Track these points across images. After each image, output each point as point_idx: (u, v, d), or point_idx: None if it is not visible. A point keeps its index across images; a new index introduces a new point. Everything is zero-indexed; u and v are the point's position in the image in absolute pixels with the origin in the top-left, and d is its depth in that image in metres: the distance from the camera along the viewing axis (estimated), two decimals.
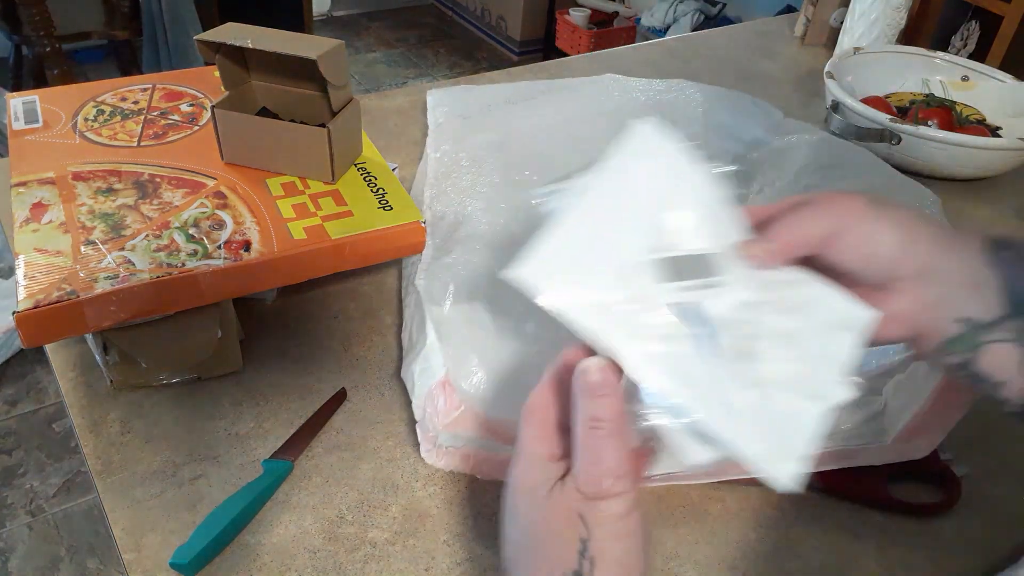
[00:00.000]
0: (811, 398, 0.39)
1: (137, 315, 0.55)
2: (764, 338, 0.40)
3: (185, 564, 0.49)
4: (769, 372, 0.39)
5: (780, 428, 0.38)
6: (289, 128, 0.66)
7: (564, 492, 0.36)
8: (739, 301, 0.41)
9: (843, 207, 0.41)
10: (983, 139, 0.90)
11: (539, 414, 0.38)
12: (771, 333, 0.40)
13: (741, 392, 0.38)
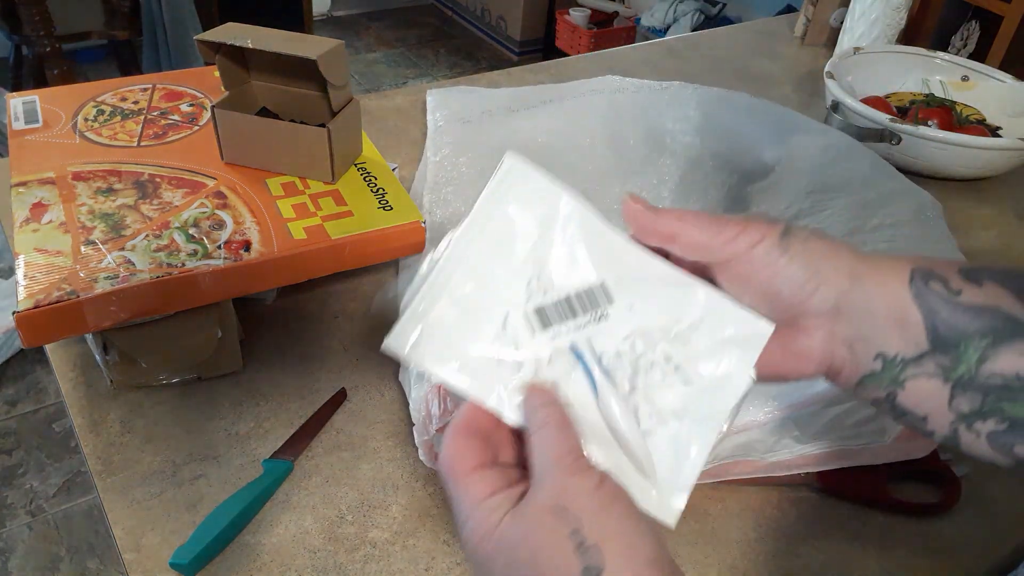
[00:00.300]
0: (702, 425, 0.38)
1: (137, 315, 0.55)
2: (655, 367, 0.39)
3: (185, 564, 0.49)
4: (662, 402, 0.38)
5: (669, 460, 0.38)
6: (289, 128, 0.66)
7: (530, 503, 0.34)
8: (628, 331, 0.39)
9: (749, 227, 0.38)
10: (983, 139, 0.90)
11: (459, 464, 0.36)
12: (663, 361, 0.39)
13: (631, 426, 0.38)
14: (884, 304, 0.37)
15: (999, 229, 0.90)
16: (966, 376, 0.37)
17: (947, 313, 0.37)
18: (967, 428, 0.38)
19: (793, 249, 0.38)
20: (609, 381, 0.38)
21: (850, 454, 0.57)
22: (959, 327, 0.36)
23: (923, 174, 0.94)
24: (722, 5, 2.83)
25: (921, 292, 0.37)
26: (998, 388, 0.36)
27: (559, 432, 0.35)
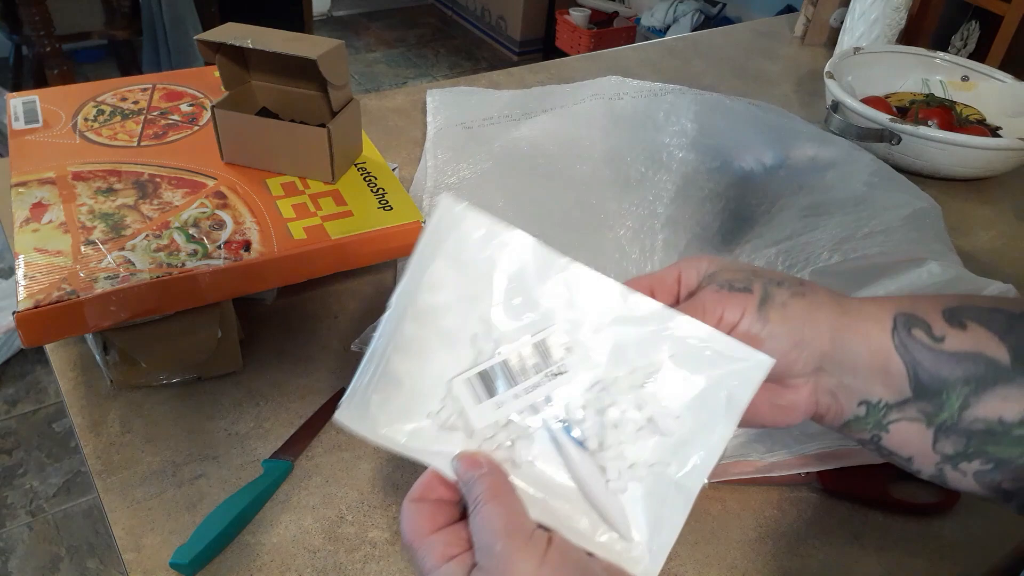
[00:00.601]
0: (677, 482, 0.35)
1: (137, 315, 0.55)
2: (626, 420, 0.36)
3: (185, 564, 0.49)
4: (635, 456, 0.36)
5: (644, 517, 0.35)
6: (289, 128, 0.66)
7: None
8: (592, 382, 0.36)
9: (727, 307, 0.37)
10: (983, 139, 0.90)
11: (415, 531, 0.35)
12: (634, 411, 0.36)
13: (599, 486, 0.36)
14: (866, 356, 0.37)
15: (999, 229, 0.90)
16: (949, 421, 0.37)
17: (929, 362, 0.36)
18: (952, 468, 0.38)
19: (772, 320, 0.37)
20: (572, 440, 0.36)
21: (850, 454, 0.57)
22: (941, 375, 0.36)
23: (923, 174, 0.94)
24: (722, 5, 2.83)
25: (903, 342, 0.37)
26: (981, 432, 0.36)
27: (496, 505, 0.34)
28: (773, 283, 0.38)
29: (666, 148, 0.84)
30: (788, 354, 0.37)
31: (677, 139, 0.85)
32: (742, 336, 0.37)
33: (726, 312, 0.37)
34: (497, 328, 0.37)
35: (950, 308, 0.37)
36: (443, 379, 0.37)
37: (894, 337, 0.37)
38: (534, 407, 0.36)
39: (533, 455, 0.36)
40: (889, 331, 0.37)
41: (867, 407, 0.38)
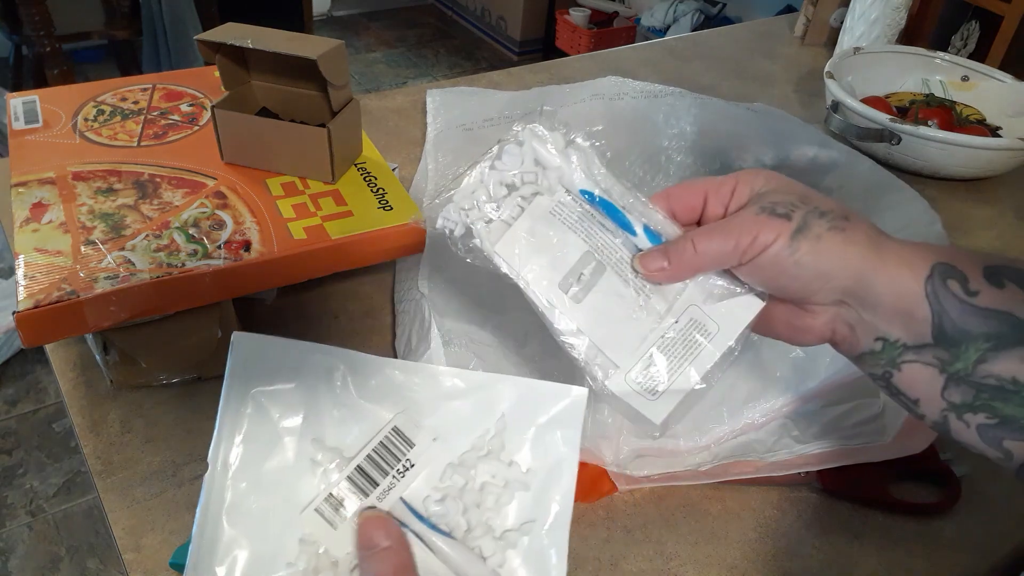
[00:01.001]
0: (552, 527, 0.36)
1: (137, 315, 0.55)
2: (486, 491, 0.37)
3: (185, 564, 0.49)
4: (505, 523, 0.36)
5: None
6: (289, 128, 0.66)
7: None
8: (443, 466, 0.37)
9: (763, 230, 0.39)
10: (983, 139, 0.90)
11: None
12: (490, 481, 0.37)
13: (479, 568, 0.36)
14: (891, 297, 0.38)
15: (999, 229, 0.90)
16: (962, 371, 0.37)
17: (956, 313, 0.37)
18: (957, 417, 0.38)
19: (802, 251, 0.38)
20: (439, 533, 0.36)
21: (850, 453, 0.57)
22: (965, 328, 0.37)
23: (923, 174, 0.94)
24: (722, 5, 2.83)
25: (936, 290, 0.37)
26: (992, 388, 0.36)
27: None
28: (815, 213, 0.39)
29: (664, 151, 0.84)
30: (810, 283, 0.39)
31: (676, 142, 0.85)
32: (771, 261, 0.39)
33: (760, 234, 0.39)
34: (333, 447, 0.36)
35: (992, 266, 0.38)
36: (292, 523, 0.35)
37: (927, 285, 0.37)
38: (391, 512, 0.36)
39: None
40: (923, 278, 0.38)
41: (883, 343, 0.39)
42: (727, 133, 0.86)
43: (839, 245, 0.38)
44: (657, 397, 0.40)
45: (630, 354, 0.41)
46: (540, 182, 0.42)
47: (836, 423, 0.57)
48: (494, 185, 0.42)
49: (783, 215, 0.39)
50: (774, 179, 0.41)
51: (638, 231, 0.42)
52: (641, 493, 0.57)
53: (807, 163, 0.84)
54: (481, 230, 0.41)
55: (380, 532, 0.35)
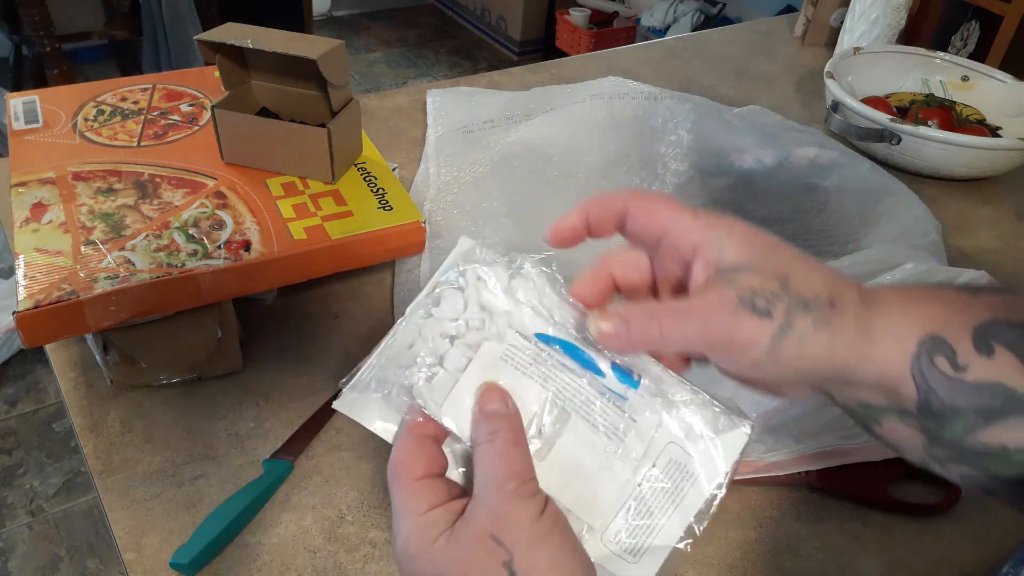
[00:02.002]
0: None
1: (137, 315, 0.55)
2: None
3: (185, 564, 0.49)
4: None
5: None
6: (289, 128, 0.66)
7: (467, 526, 0.33)
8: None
9: (740, 329, 0.34)
10: (983, 139, 0.90)
11: (405, 470, 0.35)
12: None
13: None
14: (876, 377, 0.36)
15: (999, 229, 0.90)
16: (948, 438, 0.36)
17: (944, 391, 0.35)
18: (940, 467, 0.37)
19: (784, 355, 0.34)
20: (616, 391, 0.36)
21: (850, 453, 0.57)
22: (954, 404, 0.35)
23: (923, 174, 0.94)
24: (722, 5, 2.83)
25: (923, 370, 0.35)
26: (978, 454, 0.35)
27: (506, 451, 0.34)
28: (800, 305, 0.34)
29: (661, 159, 0.84)
30: (787, 380, 0.36)
31: (673, 149, 0.85)
32: (747, 361, 0.35)
33: (737, 335, 0.34)
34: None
35: (981, 327, 0.35)
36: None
37: (913, 364, 0.35)
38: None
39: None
40: (910, 356, 0.35)
41: (865, 407, 0.37)
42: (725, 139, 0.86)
43: (823, 344, 0.34)
44: (639, 558, 0.36)
45: (605, 512, 0.36)
46: (487, 327, 0.37)
47: (836, 423, 0.57)
48: (433, 337, 0.37)
49: (764, 312, 0.34)
50: (747, 245, 0.35)
51: (606, 371, 0.37)
52: None
53: (807, 164, 0.84)
54: (423, 389, 0.36)
55: (500, 401, 0.36)
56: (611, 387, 0.37)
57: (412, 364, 0.37)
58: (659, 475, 0.37)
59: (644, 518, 0.37)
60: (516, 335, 0.37)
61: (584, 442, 0.37)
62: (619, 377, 0.37)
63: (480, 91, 1.01)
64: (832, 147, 0.88)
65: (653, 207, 0.37)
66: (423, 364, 0.37)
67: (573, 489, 0.36)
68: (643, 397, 0.37)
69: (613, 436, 0.37)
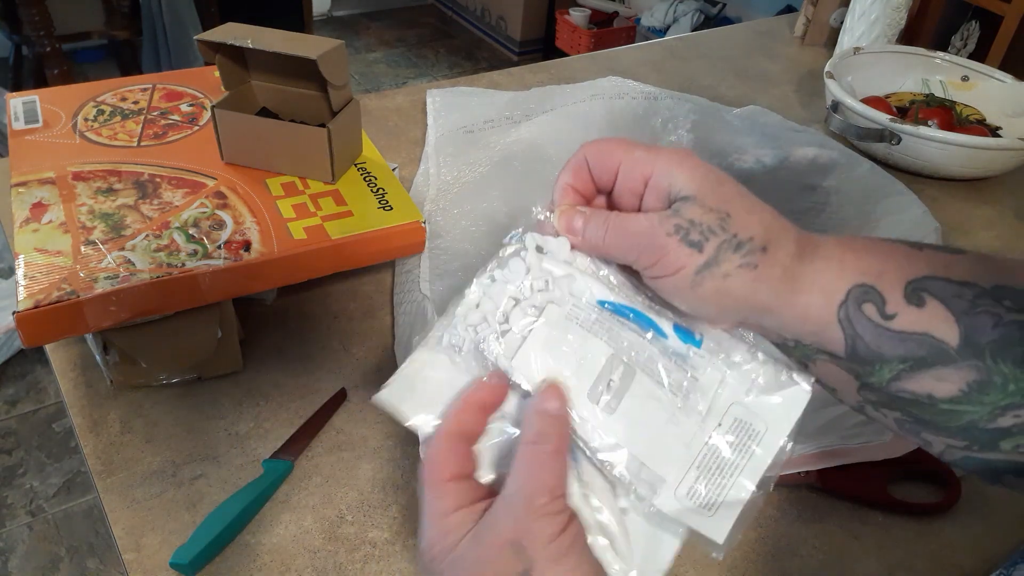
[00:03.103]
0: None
1: (137, 315, 0.55)
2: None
3: (185, 564, 0.49)
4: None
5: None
6: (289, 128, 0.66)
7: (490, 529, 0.34)
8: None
9: (668, 256, 0.36)
10: (983, 139, 0.90)
11: (438, 470, 0.36)
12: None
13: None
14: (799, 323, 0.37)
15: (999, 229, 0.90)
16: (876, 384, 0.36)
17: (870, 337, 0.36)
18: (874, 410, 0.38)
19: (704, 287, 0.36)
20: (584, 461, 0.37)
21: (850, 453, 0.57)
22: (879, 351, 0.36)
23: (923, 174, 0.94)
24: (722, 5, 2.83)
25: (850, 315, 0.36)
26: (906, 400, 0.36)
27: (546, 461, 0.35)
28: (731, 245, 0.35)
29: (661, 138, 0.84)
30: (708, 313, 0.38)
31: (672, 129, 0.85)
32: (671, 287, 0.37)
33: (664, 259, 0.36)
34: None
35: (916, 279, 0.36)
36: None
37: (840, 311, 0.36)
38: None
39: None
40: (837, 304, 0.36)
41: (796, 343, 0.38)
42: (725, 139, 0.86)
43: (746, 284, 0.36)
44: (714, 512, 0.37)
45: (676, 465, 0.37)
46: (551, 291, 0.39)
47: (836, 423, 0.57)
48: (500, 299, 0.39)
49: (695, 244, 0.35)
50: (699, 178, 0.37)
51: (668, 332, 0.38)
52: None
53: (806, 164, 0.85)
54: (494, 346, 0.38)
55: (558, 401, 0.36)
56: (674, 346, 0.38)
57: (482, 321, 0.39)
58: (726, 433, 0.38)
59: (715, 474, 0.37)
60: (579, 299, 0.39)
61: (651, 396, 0.38)
62: (681, 337, 0.39)
63: (480, 91, 1.01)
64: (832, 147, 0.88)
65: (607, 147, 0.39)
66: (493, 322, 0.38)
67: (644, 442, 0.37)
68: (704, 356, 0.38)
69: (678, 392, 0.38)
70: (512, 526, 0.34)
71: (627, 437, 0.37)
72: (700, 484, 0.37)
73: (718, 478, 0.37)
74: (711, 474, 0.37)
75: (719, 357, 0.38)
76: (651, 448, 0.37)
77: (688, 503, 0.37)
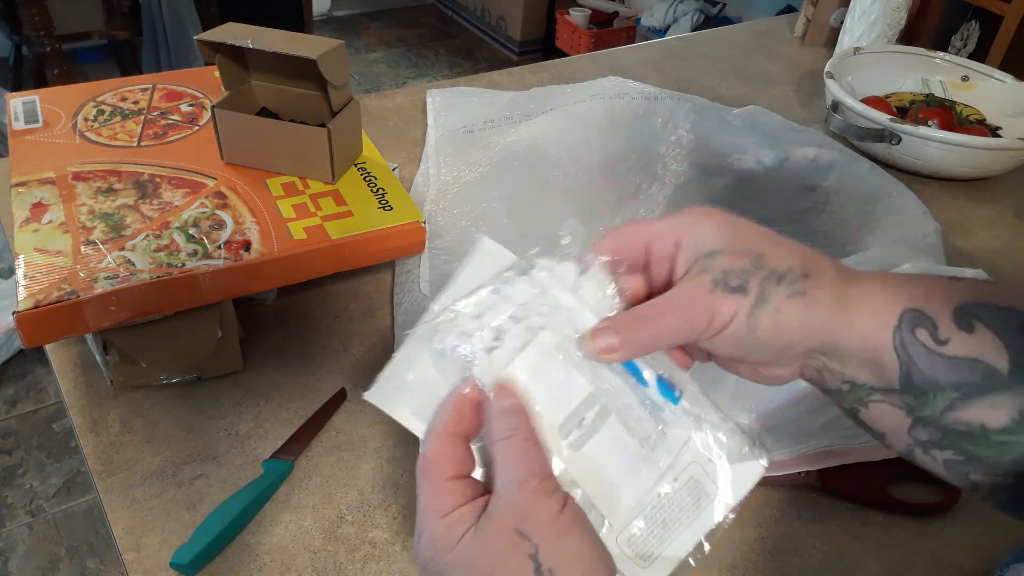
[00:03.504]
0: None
1: (137, 315, 0.55)
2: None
3: (185, 564, 0.49)
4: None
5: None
6: (289, 128, 0.66)
7: (492, 521, 0.34)
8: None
9: (718, 309, 0.36)
10: (983, 139, 0.90)
11: (437, 469, 0.36)
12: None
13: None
14: (859, 350, 0.37)
15: (999, 229, 0.90)
16: (930, 417, 0.36)
17: (925, 364, 0.36)
18: (923, 452, 0.38)
19: (762, 327, 0.36)
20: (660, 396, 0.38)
21: (850, 453, 0.57)
22: (934, 378, 0.36)
23: (923, 174, 0.94)
24: (722, 5, 2.83)
25: (904, 341, 0.36)
26: (959, 432, 0.36)
27: (525, 448, 0.35)
28: (773, 279, 0.36)
29: (661, 159, 0.84)
30: (773, 354, 0.37)
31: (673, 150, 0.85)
32: (731, 338, 0.36)
33: (716, 315, 0.36)
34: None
35: (963, 306, 0.36)
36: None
37: (895, 336, 0.36)
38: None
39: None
40: (891, 329, 0.36)
41: (851, 386, 0.38)
42: (725, 139, 0.86)
43: (801, 313, 0.36)
44: (649, 564, 0.38)
45: (624, 513, 0.38)
46: (549, 317, 0.39)
47: (836, 423, 0.57)
48: (498, 315, 0.39)
49: (737, 289, 0.36)
50: (722, 231, 0.37)
51: (649, 382, 0.39)
52: None
53: (807, 165, 0.84)
54: (482, 361, 0.38)
55: (513, 398, 0.37)
56: (652, 397, 0.39)
57: (477, 332, 0.39)
58: (679, 489, 0.38)
59: (659, 527, 0.38)
60: (573, 332, 0.39)
61: (618, 442, 0.38)
62: (661, 390, 0.39)
63: (480, 91, 1.01)
64: (832, 147, 0.88)
65: (626, 229, 0.39)
66: (486, 337, 0.38)
67: (599, 484, 0.38)
68: (677, 415, 0.39)
69: (645, 444, 0.38)
70: (512, 514, 0.34)
71: (585, 477, 0.37)
72: (641, 535, 0.38)
73: (661, 531, 0.38)
74: (655, 526, 0.38)
75: (690, 418, 0.39)
76: (604, 492, 0.38)
77: (626, 550, 0.38)
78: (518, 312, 0.39)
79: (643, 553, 0.38)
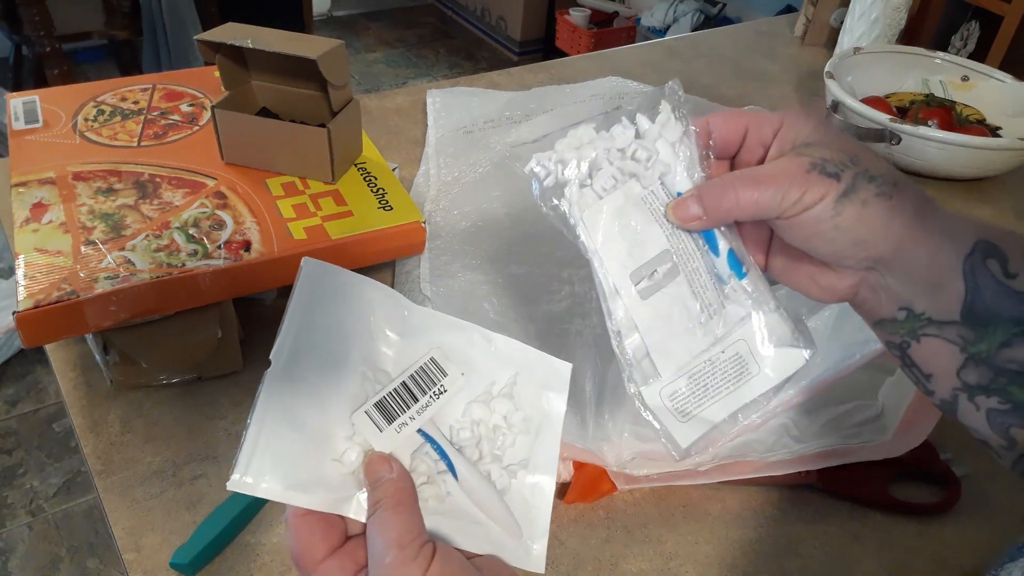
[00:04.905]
0: (543, 470, 0.39)
1: (137, 315, 0.55)
2: (498, 430, 0.39)
3: (185, 564, 0.49)
4: (510, 459, 0.39)
5: (525, 511, 0.39)
6: (289, 128, 0.66)
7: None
8: (467, 400, 0.39)
9: (811, 188, 0.37)
10: (983, 139, 0.90)
11: (307, 557, 0.35)
12: (503, 422, 0.39)
13: (490, 493, 0.38)
14: (927, 270, 0.37)
15: None
16: (984, 353, 0.36)
17: (991, 294, 0.36)
18: (968, 398, 0.37)
19: (845, 215, 0.37)
20: (461, 455, 0.38)
21: (850, 453, 0.57)
22: (996, 310, 0.36)
23: (923, 174, 0.94)
24: (722, 5, 2.83)
25: (975, 268, 0.36)
26: (1011, 372, 0.36)
27: (384, 520, 0.35)
28: (865, 176, 0.37)
29: None
30: (846, 248, 0.38)
31: None
32: (812, 220, 0.37)
33: (807, 194, 0.37)
34: (380, 365, 0.39)
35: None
36: (337, 423, 0.37)
37: (966, 261, 0.36)
38: (424, 431, 0.38)
39: (434, 476, 0.38)
40: (963, 254, 0.37)
41: (907, 313, 0.38)
42: None
43: (884, 213, 0.37)
44: (687, 420, 0.40)
45: (673, 368, 0.40)
46: (643, 167, 0.39)
47: (836, 423, 0.57)
48: (598, 151, 0.40)
49: (832, 174, 0.37)
50: (823, 129, 0.39)
51: (721, 253, 0.40)
52: (641, 493, 0.57)
53: None
54: (574, 193, 0.39)
55: (384, 466, 0.36)
56: (719, 269, 0.40)
57: (571, 164, 0.39)
58: (725, 361, 0.40)
59: (700, 390, 0.40)
60: (662, 186, 0.40)
61: (682, 302, 0.40)
62: (730, 262, 0.40)
63: (480, 91, 1.01)
64: None
65: (731, 113, 0.41)
66: (582, 169, 0.39)
67: (657, 335, 0.40)
68: (737, 292, 0.40)
69: (705, 310, 0.40)
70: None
71: (646, 325, 0.39)
72: (684, 393, 0.40)
73: (701, 394, 0.40)
74: (696, 388, 0.40)
75: (750, 298, 0.40)
76: (661, 344, 0.39)
77: (668, 403, 0.40)
78: (614, 153, 0.40)
79: (682, 409, 0.40)
